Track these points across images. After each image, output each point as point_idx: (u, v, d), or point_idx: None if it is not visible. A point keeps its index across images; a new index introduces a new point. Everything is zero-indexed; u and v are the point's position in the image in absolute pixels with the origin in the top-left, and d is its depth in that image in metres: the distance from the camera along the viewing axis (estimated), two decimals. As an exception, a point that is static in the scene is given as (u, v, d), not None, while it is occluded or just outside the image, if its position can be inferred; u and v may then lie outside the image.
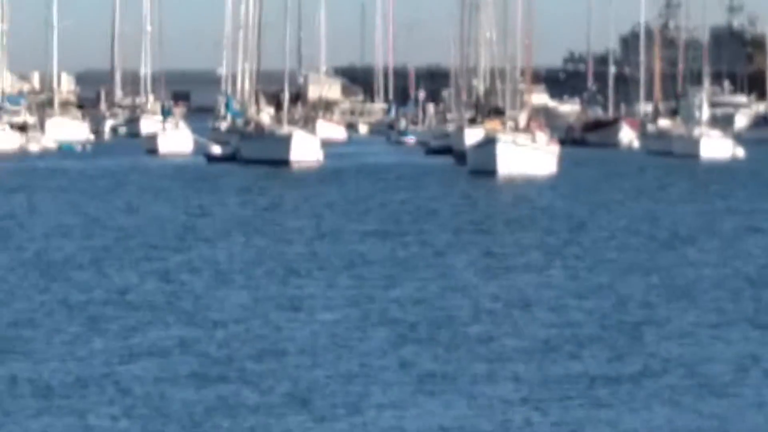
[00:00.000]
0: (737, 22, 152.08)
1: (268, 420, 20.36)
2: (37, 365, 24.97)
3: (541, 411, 21.12)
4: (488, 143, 77.75)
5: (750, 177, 78.73)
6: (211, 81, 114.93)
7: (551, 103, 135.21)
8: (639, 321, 30.30)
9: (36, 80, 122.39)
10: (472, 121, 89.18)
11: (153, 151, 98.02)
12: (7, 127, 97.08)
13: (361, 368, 25.11)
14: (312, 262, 40.08)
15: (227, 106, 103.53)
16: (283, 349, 26.76)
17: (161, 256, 41.57)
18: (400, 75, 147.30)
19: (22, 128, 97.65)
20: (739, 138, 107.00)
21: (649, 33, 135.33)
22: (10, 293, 33.79)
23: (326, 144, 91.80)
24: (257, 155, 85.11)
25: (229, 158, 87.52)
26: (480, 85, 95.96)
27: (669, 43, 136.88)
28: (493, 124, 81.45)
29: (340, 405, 21.26)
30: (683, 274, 38.44)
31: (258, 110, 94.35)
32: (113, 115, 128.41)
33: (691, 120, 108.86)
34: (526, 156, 76.59)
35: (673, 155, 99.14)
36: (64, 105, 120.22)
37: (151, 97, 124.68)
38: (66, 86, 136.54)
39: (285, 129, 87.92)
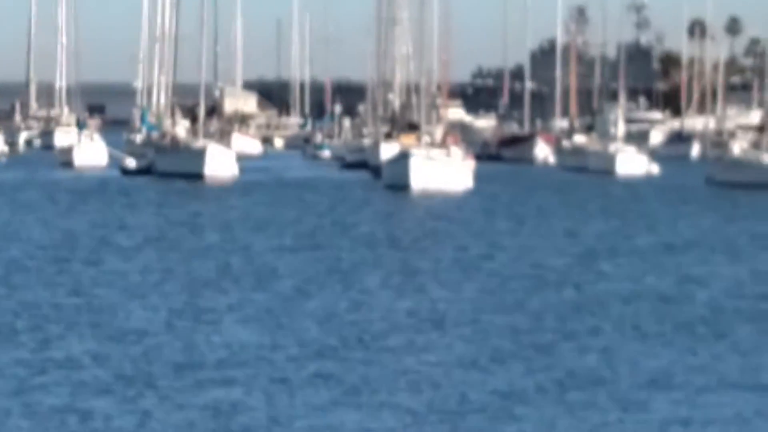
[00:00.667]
0: (645, 39, 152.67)
1: None
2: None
3: (452, 424, 21.31)
4: (402, 158, 78.08)
5: (663, 193, 79.29)
6: (127, 94, 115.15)
7: (467, 118, 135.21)
8: (552, 336, 30.47)
9: None
10: (388, 136, 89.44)
11: (68, 163, 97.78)
12: None
13: (277, 381, 25.11)
14: (223, 277, 39.95)
15: (142, 119, 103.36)
16: (197, 363, 26.73)
17: (71, 269, 41.30)
18: (316, 89, 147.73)
19: None
20: (654, 154, 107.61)
21: (564, 49, 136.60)
22: None
23: (242, 158, 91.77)
24: (172, 168, 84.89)
25: (145, 171, 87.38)
26: (396, 100, 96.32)
27: (579, 59, 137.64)
28: (408, 139, 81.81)
29: (260, 418, 21.30)
30: (596, 290, 38.52)
31: (173, 123, 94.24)
32: (28, 128, 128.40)
33: (606, 136, 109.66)
34: (441, 171, 76.91)
35: (588, 171, 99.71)
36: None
37: (66, 110, 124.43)
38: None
39: (200, 142, 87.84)
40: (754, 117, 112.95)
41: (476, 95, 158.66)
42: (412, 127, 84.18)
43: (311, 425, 21.45)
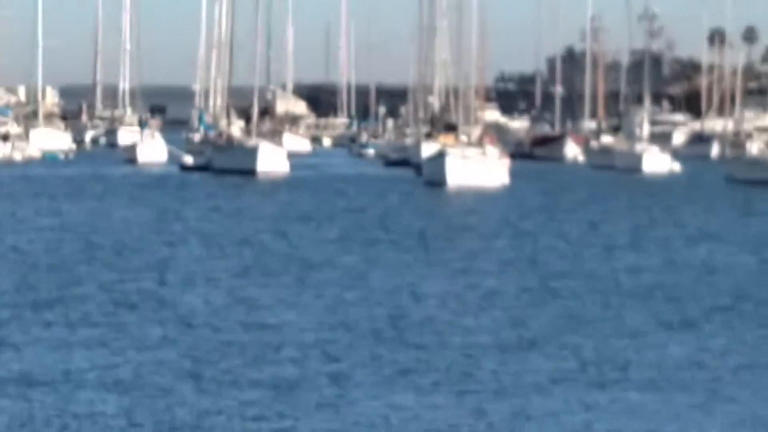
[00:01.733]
0: (656, 46, 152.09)
1: (258, 411, 20.18)
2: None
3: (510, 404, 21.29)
4: (439, 157, 78.27)
5: (687, 190, 79.38)
6: (186, 96, 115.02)
7: (502, 120, 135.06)
8: (582, 320, 30.40)
9: (22, 93, 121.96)
10: (428, 136, 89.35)
11: (131, 160, 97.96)
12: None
13: (338, 364, 24.91)
14: (272, 265, 40.07)
15: (200, 119, 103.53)
16: (257, 343, 26.66)
17: (138, 256, 41.37)
18: (361, 92, 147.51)
19: (5, 138, 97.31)
20: (676, 154, 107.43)
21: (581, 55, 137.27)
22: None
23: (292, 155, 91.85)
24: (227, 165, 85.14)
25: (202, 168, 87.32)
26: (435, 103, 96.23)
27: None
28: (447, 139, 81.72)
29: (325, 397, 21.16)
30: (622, 280, 38.21)
31: (229, 123, 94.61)
32: (94, 127, 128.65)
33: (632, 137, 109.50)
34: (476, 168, 76.83)
35: (615, 169, 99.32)
36: (49, 116, 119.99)
37: (129, 110, 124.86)
38: (50, 99, 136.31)
39: (253, 141, 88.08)
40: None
41: (498, 99, 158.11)
42: (451, 128, 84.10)
43: (369, 405, 21.32)
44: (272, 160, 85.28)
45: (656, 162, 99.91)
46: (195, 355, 25.13)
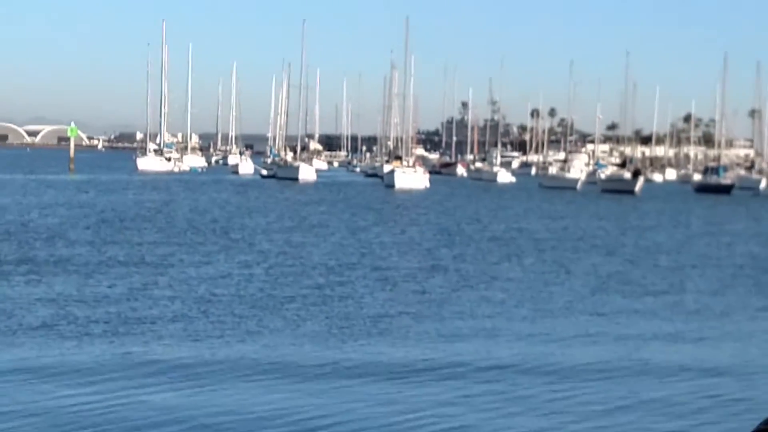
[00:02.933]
0: (496, 117, 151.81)
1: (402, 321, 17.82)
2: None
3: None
4: (392, 172, 78.33)
5: (520, 192, 79.52)
6: (264, 139, 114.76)
7: (424, 153, 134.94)
8: (466, 253, 30.82)
9: (180, 137, 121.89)
10: (387, 161, 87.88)
11: (236, 172, 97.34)
12: (164, 159, 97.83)
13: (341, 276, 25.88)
14: (304, 225, 40.10)
15: (270, 151, 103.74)
16: (298, 261, 27.75)
17: (236, 219, 41.59)
18: (354, 139, 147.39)
19: (169, 159, 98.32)
20: (513, 173, 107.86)
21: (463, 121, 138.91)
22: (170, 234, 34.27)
23: (318, 171, 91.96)
24: (284, 175, 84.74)
25: (271, 177, 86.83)
26: (391, 144, 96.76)
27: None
28: (396, 163, 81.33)
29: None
30: (478, 233, 38.12)
31: (285, 153, 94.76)
32: (216, 155, 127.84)
33: (491, 163, 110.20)
34: (411, 178, 77.14)
35: (482, 180, 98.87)
36: (193, 149, 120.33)
37: (234, 146, 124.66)
38: (194, 140, 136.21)
39: (297, 163, 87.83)
40: (561, 155, 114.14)
41: (421, 142, 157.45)
42: (398, 158, 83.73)
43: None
44: (307, 173, 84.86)
45: (504, 176, 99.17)
46: (268, 269, 25.71)
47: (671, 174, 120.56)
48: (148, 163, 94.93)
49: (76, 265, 23.62)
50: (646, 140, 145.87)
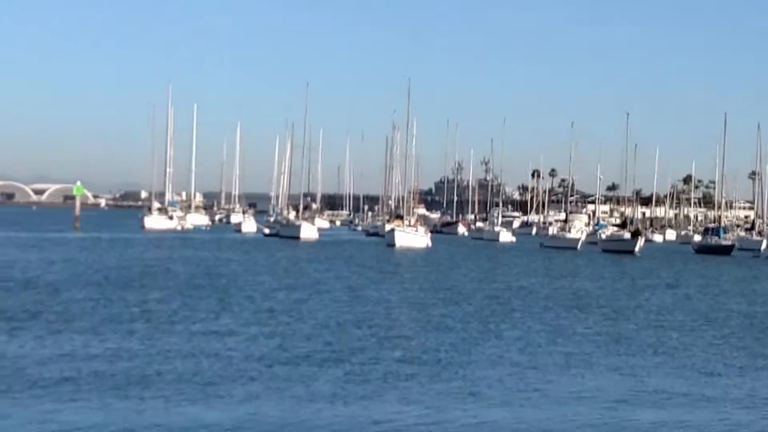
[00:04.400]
0: (488, 176, 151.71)
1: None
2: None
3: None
4: (392, 231, 78.34)
5: (521, 251, 79.78)
6: (267, 198, 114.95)
7: (427, 213, 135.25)
8: (461, 309, 30.98)
9: (184, 195, 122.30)
10: (388, 221, 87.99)
11: (238, 231, 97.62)
12: (169, 217, 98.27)
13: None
14: (305, 281, 40.22)
15: (273, 210, 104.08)
16: (301, 314, 27.85)
17: (241, 276, 41.69)
18: (356, 198, 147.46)
19: (171, 218, 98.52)
20: (514, 232, 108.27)
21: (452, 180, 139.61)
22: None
23: (320, 230, 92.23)
24: (287, 234, 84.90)
25: (274, 235, 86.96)
26: (392, 204, 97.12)
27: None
28: (397, 222, 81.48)
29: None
30: (477, 290, 38.28)
31: (288, 212, 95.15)
32: (219, 213, 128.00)
33: (493, 223, 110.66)
34: (412, 238, 77.30)
35: (483, 239, 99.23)
36: (197, 208, 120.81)
37: (237, 205, 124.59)
38: (198, 198, 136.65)
39: (299, 222, 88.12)
40: (561, 215, 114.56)
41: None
42: (399, 217, 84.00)
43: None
44: (309, 231, 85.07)
45: (505, 236, 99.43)
46: (275, 326, 25.87)
47: (671, 235, 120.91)
48: (154, 221, 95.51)
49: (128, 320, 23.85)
50: (646, 201, 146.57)
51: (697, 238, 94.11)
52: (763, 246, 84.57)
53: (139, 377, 16.59)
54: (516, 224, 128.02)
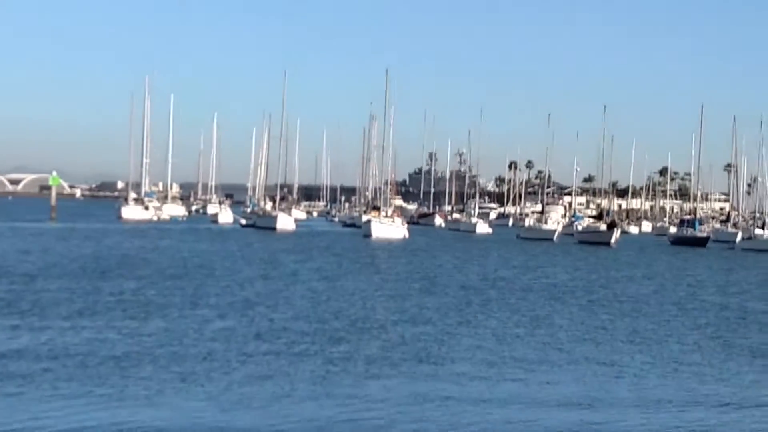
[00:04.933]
0: (463, 168, 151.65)
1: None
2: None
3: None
4: (369, 222, 78.48)
5: (498, 243, 79.99)
6: (244, 189, 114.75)
7: (404, 204, 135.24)
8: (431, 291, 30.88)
9: (161, 186, 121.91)
10: (365, 212, 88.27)
11: (215, 221, 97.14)
12: (145, 208, 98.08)
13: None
14: (279, 271, 40.12)
15: (250, 200, 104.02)
16: (279, 296, 27.88)
17: (217, 264, 41.50)
18: (333, 189, 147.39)
19: (147, 208, 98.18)
20: (491, 223, 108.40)
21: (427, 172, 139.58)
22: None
23: (297, 220, 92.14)
24: (263, 224, 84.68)
25: (251, 226, 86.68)
26: (369, 195, 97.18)
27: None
28: (374, 213, 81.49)
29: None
30: (454, 277, 38.45)
31: (264, 203, 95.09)
32: (196, 204, 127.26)
33: (470, 214, 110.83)
34: (388, 229, 77.39)
35: (460, 231, 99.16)
36: (173, 198, 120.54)
37: (214, 196, 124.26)
38: (175, 189, 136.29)
39: (275, 212, 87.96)
40: (538, 207, 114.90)
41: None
42: (376, 208, 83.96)
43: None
44: (285, 222, 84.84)
45: (482, 227, 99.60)
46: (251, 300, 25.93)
47: (647, 226, 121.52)
48: (131, 212, 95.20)
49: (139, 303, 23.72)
50: (622, 193, 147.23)
51: (673, 230, 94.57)
52: (738, 238, 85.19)
53: (119, 366, 16.57)
54: (493, 216, 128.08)
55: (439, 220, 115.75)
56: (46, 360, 16.89)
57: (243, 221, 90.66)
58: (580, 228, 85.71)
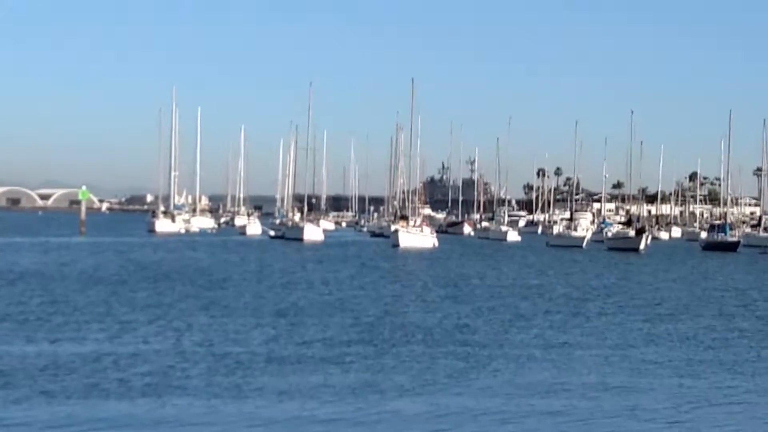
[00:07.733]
0: (474, 175, 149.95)
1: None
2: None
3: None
4: (396, 231, 78.45)
5: (527, 250, 79.64)
6: (273, 201, 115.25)
7: (432, 213, 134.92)
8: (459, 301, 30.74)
9: (190, 199, 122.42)
10: (393, 222, 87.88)
11: (243, 233, 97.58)
12: (176, 221, 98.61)
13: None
14: (310, 278, 39.96)
15: (279, 212, 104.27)
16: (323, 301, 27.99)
17: (264, 278, 41.71)
18: (361, 199, 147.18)
19: (173, 219, 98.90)
20: (520, 231, 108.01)
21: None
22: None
23: (325, 231, 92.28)
24: (291, 236, 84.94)
25: (280, 237, 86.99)
26: (397, 205, 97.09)
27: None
28: (402, 223, 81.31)
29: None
30: (479, 288, 38.23)
31: (293, 214, 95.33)
32: (224, 216, 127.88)
33: (499, 222, 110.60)
34: (417, 238, 77.37)
35: (489, 239, 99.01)
36: (203, 211, 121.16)
37: (243, 208, 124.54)
38: (204, 202, 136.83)
39: (303, 223, 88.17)
40: (567, 214, 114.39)
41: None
42: (404, 218, 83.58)
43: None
44: (314, 233, 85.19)
45: (511, 236, 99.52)
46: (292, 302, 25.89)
47: (677, 232, 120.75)
48: (163, 225, 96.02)
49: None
50: (651, 198, 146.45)
51: (704, 235, 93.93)
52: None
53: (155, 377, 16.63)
54: (521, 223, 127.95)
55: (468, 229, 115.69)
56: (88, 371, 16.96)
57: (272, 233, 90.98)
58: (609, 234, 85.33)
